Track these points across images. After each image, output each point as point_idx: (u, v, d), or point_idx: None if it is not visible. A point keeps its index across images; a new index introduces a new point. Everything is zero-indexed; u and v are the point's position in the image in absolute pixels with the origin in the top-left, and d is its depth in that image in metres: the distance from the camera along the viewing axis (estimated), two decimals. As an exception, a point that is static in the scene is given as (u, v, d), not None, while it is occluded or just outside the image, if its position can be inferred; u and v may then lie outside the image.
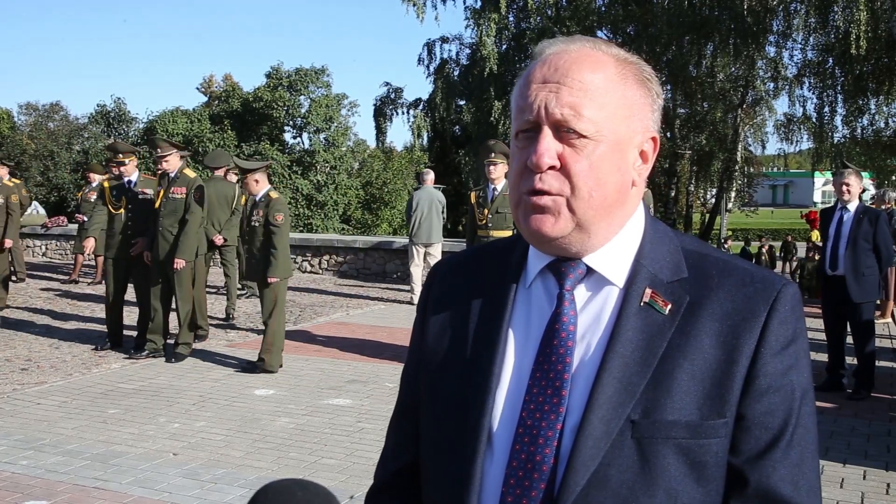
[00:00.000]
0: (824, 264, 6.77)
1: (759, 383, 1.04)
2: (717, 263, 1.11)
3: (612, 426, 1.02)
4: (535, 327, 1.12)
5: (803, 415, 1.06)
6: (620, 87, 1.08)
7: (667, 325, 1.06)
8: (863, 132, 22.65)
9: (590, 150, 1.05)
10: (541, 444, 1.04)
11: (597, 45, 1.11)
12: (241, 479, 4.54)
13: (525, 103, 1.08)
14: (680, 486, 1.02)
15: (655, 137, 1.13)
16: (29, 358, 7.55)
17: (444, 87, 26.10)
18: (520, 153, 1.09)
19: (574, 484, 1.01)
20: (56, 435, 5.29)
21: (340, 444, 5.23)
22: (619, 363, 1.05)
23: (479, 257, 1.25)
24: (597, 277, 1.11)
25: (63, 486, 4.38)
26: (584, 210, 1.06)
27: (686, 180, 27.87)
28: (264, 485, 0.99)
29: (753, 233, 40.26)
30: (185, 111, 29.59)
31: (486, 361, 1.12)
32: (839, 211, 6.74)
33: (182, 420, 5.68)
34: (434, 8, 25.11)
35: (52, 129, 31.56)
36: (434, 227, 11.07)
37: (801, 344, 1.08)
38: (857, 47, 18.77)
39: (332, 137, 29.65)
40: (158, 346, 7.58)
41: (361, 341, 8.47)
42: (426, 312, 1.24)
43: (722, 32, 21.50)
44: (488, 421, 1.09)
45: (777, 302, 1.07)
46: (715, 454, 1.03)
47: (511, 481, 1.05)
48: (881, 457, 5.11)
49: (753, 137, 26.51)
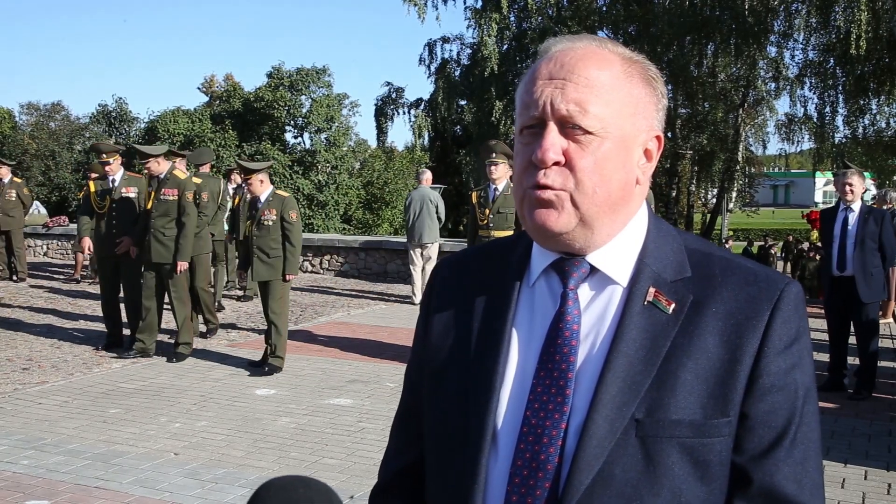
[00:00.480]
0: (830, 265, 6.69)
1: (763, 382, 1.04)
2: (720, 262, 1.12)
3: (616, 425, 1.02)
4: (539, 326, 1.12)
5: (806, 413, 1.07)
6: (626, 85, 1.09)
7: (670, 325, 1.06)
8: (864, 132, 22.63)
9: (595, 147, 1.05)
10: (545, 443, 1.04)
11: (603, 43, 1.11)
12: (242, 479, 4.54)
13: (530, 99, 1.08)
14: (684, 485, 1.02)
15: (660, 136, 1.14)
16: (30, 357, 7.55)
17: (445, 87, 26.08)
18: (524, 149, 1.09)
19: (578, 483, 1.01)
20: (57, 434, 5.29)
21: (341, 443, 5.23)
22: (623, 362, 1.05)
23: (482, 256, 1.25)
24: (600, 276, 1.11)
25: (64, 486, 4.39)
26: (588, 206, 1.06)
27: (687, 180, 27.84)
28: (266, 481, 0.99)
29: (755, 233, 40.26)
30: (186, 111, 29.57)
31: (490, 360, 1.12)
32: (843, 211, 6.69)
33: (183, 420, 5.68)
34: (435, 8, 25.17)
35: (54, 128, 31.57)
36: (426, 226, 11.02)
37: (804, 343, 1.08)
38: (857, 47, 18.75)
39: (333, 137, 29.64)
40: (147, 345, 7.57)
41: (362, 341, 8.48)
42: (429, 311, 1.24)
43: (723, 32, 21.48)
44: (493, 420, 1.09)
45: (780, 301, 1.07)
46: (719, 453, 1.04)
47: (516, 480, 1.05)
48: (882, 457, 5.11)
49: (754, 137, 26.52)
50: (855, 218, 6.59)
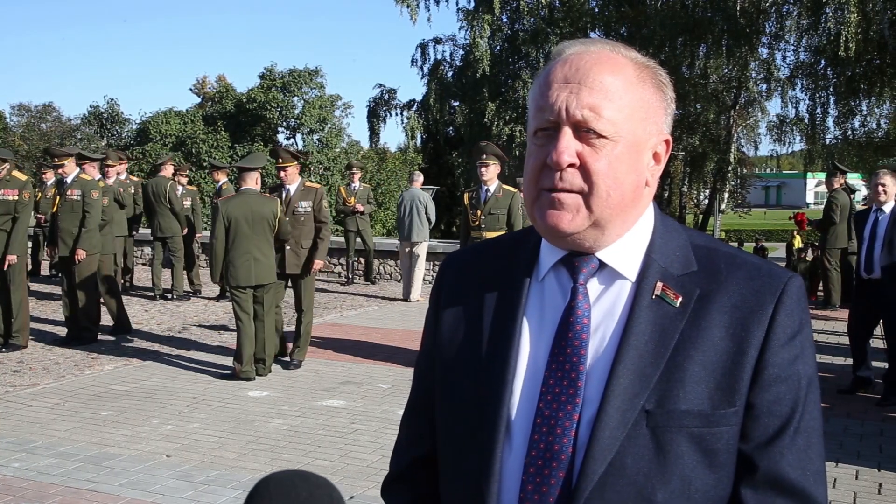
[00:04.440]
0: (859, 268, 6.55)
1: (768, 373, 1.08)
2: (725, 257, 1.15)
3: (627, 416, 1.06)
4: (549, 320, 1.15)
5: (809, 403, 1.11)
6: (638, 90, 1.12)
7: (678, 318, 1.10)
8: (854, 133, 22.75)
9: (608, 150, 1.08)
10: (559, 433, 1.07)
11: (615, 47, 1.14)
12: (234, 481, 4.53)
13: (545, 102, 1.10)
14: (693, 473, 1.06)
15: (668, 140, 1.17)
16: (21, 360, 7.51)
17: (437, 89, 26.09)
18: (538, 150, 1.11)
19: (592, 472, 1.05)
20: (48, 437, 5.27)
21: (334, 445, 5.22)
22: (633, 355, 1.08)
23: (490, 251, 1.28)
24: (609, 271, 1.15)
25: (55, 489, 4.36)
26: (601, 209, 1.09)
27: (679, 181, 27.95)
28: (265, 476, 0.98)
29: (747, 234, 40.39)
30: (178, 112, 29.47)
31: (503, 353, 1.14)
32: (874, 213, 6.52)
33: (175, 422, 5.66)
34: (427, 9, 25.05)
35: (45, 130, 31.49)
36: (415, 226, 11.38)
37: (806, 334, 1.12)
38: (846, 49, 18.82)
39: (325, 139, 29.59)
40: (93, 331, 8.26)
41: (355, 342, 8.47)
42: (438, 305, 1.27)
43: (715, 34, 21.57)
44: (506, 412, 1.12)
45: (784, 294, 1.11)
46: (726, 442, 1.07)
47: (531, 470, 1.08)
48: (873, 457, 5.12)
49: (746, 138, 26.65)
50: (885, 219, 6.41)
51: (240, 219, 6.70)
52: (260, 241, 6.78)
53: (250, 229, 6.72)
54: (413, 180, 11.96)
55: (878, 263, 6.35)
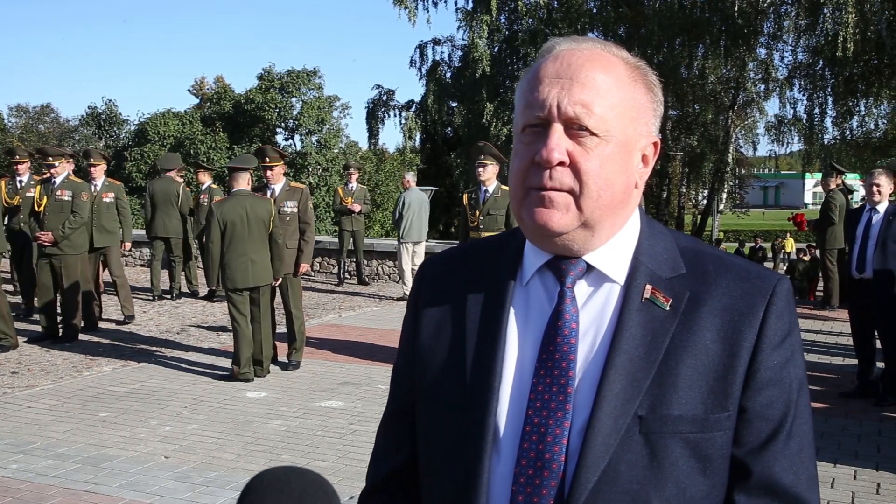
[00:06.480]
0: (851, 267, 6.52)
1: (760, 376, 1.07)
2: (712, 259, 1.13)
3: (620, 422, 1.03)
4: (535, 325, 1.11)
5: (800, 406, 1.09)
6: (630, 89, 1.09)
7: (668, 321, 1.07)
8: (852, 133, 22.74)
9: (600, 150, 1.06)
10: (549, 441, 1.04)
11: (606, 46, 1.12)
12: (232, 482, 4.53)
13: (535, 98, 1.07)
14: (688, 479, 1.04)
15: (657, 142, 1.15)
16: (19, 361, 7.51)
17: (435, 89, 26.07)
18: (526, 148, 1.08)
19: (585, 481, 1.02)
20: (47, 438, 5.26)
21: (333, 446, 5.22)
22: (624, 359, 1.05)
23: (471, 254, 1.24)
24: (597, 274, 1.12)
25: (54, 490, 4.36)
26: (591, 209, 1.06)
27: (678, 182, 27.93)
28: (259, 472, 0.98)
29: (745, 234, 40.40)
30: (176, 113, 29.48)
31: (488, 360, 1.11)
32: (867, 212, 6.48)
33: (174, 423, 5.66)
34: (426, 10, 25.01)
35: (43, 131, 31.49)
36: (423, 226, 11.56)
37: (795, 337, 1.11)
38: (843, 49, 18.82)
39: (324, 139, 29.59)
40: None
41: (353, 343, 8.47)
42: (417, 310, 1.23)
43: (713, 34, 21.55)
44: (493, 420, 1.08)
45: (773, 297, 1.09)
46: (720, 447, 1.06)
47: (521, 479, 1.05)
48: (871, 457, 5.13)
49: (744, 139, 26.65)
50: (879, 219, 6.37)
51: (235, 221, 6.69)
52: (255, 242, 6.76)
53: (246, 231, 6.71)
54: (411, 181, 12.06)
55: (870, 263, 6.34)
